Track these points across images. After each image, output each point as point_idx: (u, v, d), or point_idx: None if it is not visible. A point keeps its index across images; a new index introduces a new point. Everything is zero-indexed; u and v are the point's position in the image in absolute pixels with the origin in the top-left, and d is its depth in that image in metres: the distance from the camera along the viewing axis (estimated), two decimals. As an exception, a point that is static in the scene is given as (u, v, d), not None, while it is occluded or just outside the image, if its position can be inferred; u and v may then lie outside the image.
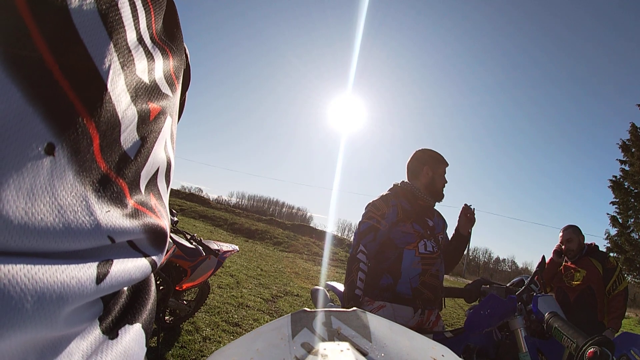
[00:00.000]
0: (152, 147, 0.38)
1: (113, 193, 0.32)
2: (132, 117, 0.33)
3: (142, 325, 0.38)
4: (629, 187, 15.16)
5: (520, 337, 1.79)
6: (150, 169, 0.39)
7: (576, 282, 3.39)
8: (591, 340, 1.29)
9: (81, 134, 0.28)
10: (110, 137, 0.31)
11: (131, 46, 0.33)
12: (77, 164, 0.28)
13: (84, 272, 0.28)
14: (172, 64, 0.43)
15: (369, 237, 2.17)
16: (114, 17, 0.30)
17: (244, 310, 4.76)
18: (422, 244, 2.18)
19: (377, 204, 2.26)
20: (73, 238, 0.28)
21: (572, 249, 3.48)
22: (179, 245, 3.30)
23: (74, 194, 0.28)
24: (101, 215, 0.30)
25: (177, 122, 0.50)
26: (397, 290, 2.12)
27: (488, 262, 60.65)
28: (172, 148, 0.46)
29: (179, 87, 0.47)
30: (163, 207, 0.43)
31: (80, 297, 0.28)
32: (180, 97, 0.52)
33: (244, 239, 14.44)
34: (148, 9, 0.36)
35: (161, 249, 0.41)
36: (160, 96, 0.39)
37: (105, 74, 0.29)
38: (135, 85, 0.34)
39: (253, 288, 6.17)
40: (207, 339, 3.58)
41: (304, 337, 0.42)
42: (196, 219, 16.64)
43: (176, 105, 0.46)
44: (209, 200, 26.16)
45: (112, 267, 0.31)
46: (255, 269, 8.08)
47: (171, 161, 0.46)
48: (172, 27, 0.45)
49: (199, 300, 3.93)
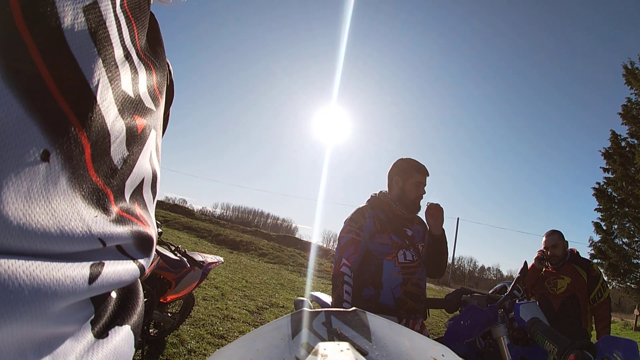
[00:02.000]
0: (137, 158, 0.40)
1: (99, 200, 0.34)
2: (120, 129, 0.35)
3: (131, 327, 0.40)
4: (611, 193, 15.50)
5: (503, 345, 1.78)
6: (135, 179, 0.41)
7: (560, 289, 3.30)
8: (573, 345, 1.31)
9: (74, 142, 0.29)
10: (101, 148, 0.33)
11: (118, 62, 0.35)
12: (69, 170, 0.29)
13: (77, 271, 0.30)
14: (155, 79, 0.45)
15: (350, 250, 2.16)
16: (103, 34, 0.32)
17: (229, 323, 4.69)
18: (401, 254, 2.18)
19: (354, 218, 2.26)
20: (67, 241, 0.29)
21: (557, 255, 3.39)
22: (163, 257, 3.24)
23: (66, 199, 0.29)
24: (90, 220, 0.32)
25: (161, 136, 0.51)
26: (379, 301, 2.12)
27: (473, 271, 61.15)
28: (158, 160, 0.48)
29: (163, 102, 0.49)
30: (149, 216, 0.45)
31: (74, 294, 0.29)
32: (164, 112, 0.53)
33: (229, 250, 14.27)
34: (131, 25, 0.38)
35: (148, 254, 0.43)
36: (145, 110, 0.41)
37: (95, 88, 0.31)
38: (122, 99, 0.36)
39: (238, 300, 6.09)
40: (192, 351, 3.50)
41: (304, 337, 0.43)
42: (180, 230, 16.39)
43: (160, 119, 0.48)
44: (194, 212, 25.84)
45: (103, 268, 0.33)
46: (241, 280, 7.97)
47: (157, 173, 0.47)
48: (155, 43, 0.48)
49: (183, 312, 3.85)
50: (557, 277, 3.38)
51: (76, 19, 0.29)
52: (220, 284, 6.83)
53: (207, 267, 3.68)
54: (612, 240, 14.90)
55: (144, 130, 0.41)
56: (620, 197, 15.16)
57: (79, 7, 0.29)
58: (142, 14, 0.40)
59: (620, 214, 14.87)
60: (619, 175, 15.12)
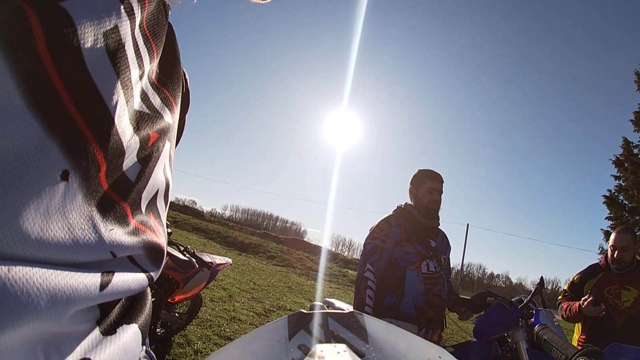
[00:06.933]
0: (152, 171, 0.41)
1: (116, 213, 0.36)
2: (135, 146, 0.37)
3: (138, 326, 0.41)
4: (622, 201, 15.28)
5: (522, 349, 1.81)
6: (151, 190, 0.42)
7: (625, 302, 2.71)
8: (580, 352, 1.29)
9: (92, 162, 0.31)
10: (115, 164, 0.34)
11: (134, 82, 0.36)
12: (86, 187, 0.31)
13: (89, 279, 0.31)
14: (170, 90, 0.46)
15: (375, 257, 2.21)
16: (121, 57, 0.33)
17: (236, 324, 4.70)
18: (424, 264, 2.21)
19: (380, 225, 2.32)
20: (79, 252, 0.31)
21: (624, 260, 2.79)
22: (172, 257, 3.27)
23: (81, 214, 0.31)
24: (105, 233, 0.34)
25: (175, 146, 0.53)
26: (400, 310, 2.16)
27: (482, 278, 60.35)
28: (170, 170, 0.49)
29: (178, 111, 0.50)
30: (161, 225, 0.46)
31: (86, 300, 0.31)
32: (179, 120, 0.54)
33: (238, 252, 14.33)
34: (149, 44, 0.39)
35: (158, 265, 0.44)
36: (160, 123, 0.42)
37: (113, 109, 0.32)
38: (138, 116, 0.38)
39: (246, 302, 6.10)
40: (198, 352, 3.52)
41: (300, 339, 0.43)
42: (189, 231, 16.51)
43: (174, 129, 0.49)
44: (203, 213, 26.06)
45: (113, 277, 0.35)
46: (248, 282, 8.00)
47: (169, 182, 0.48)
48: (171, 53, 0.49)
49: (191, 312, 3.87)
50: (620, 287, 2.79)
51: (96, 43, 0.30)
52: (228, 286, 6.86)
53: (216, 268, 3.70)
54: (623, 250, 14.61)
55: (157, 143, 0.42)
56: (632, 205, 14.90)
57: (100, 32, 0.30)
58: (160, 29, 0.42)
59: (631, 222, 14.57)
60: (630, 183, 14.90)
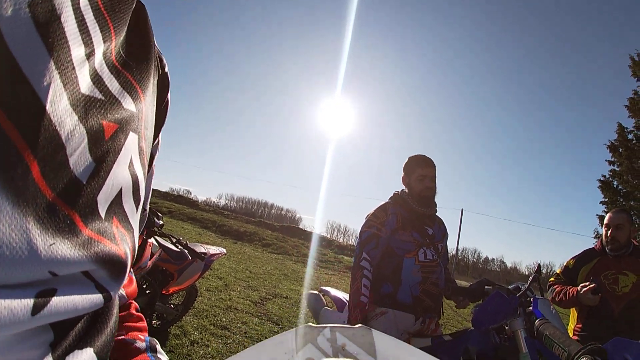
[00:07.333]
0: (110, 168, 0.35)
1: (60, 223, 0.30)
2: (80, 137, 0.31)
3: (94, 350, 0.37)
4: (617, 186, 15.45)
5: (520, 338, 1.81)
6: (110, 191, 0.36)
7: (623, 288, 2.60)
8: (583, 349, 1.25)
9: (14, 160, 0.25)
10: (54, 162, 0.29)
11: (77, 61, 0.30)
12: (13, 193, 0.25)
13: (17, 303, 0.26)
14: (135, 75, 0.41)
15: (371, 245, 2.18)
16: (55, 31, 0.27)
17: (232, 313, 4.72)
18: (421, 252, 2.19)
19: (376, 213, 2.28)
20: (7, 271, 0.26)
21: (619, 239, 2.66)
22: (165, 249, 3.25)
23: (13, 227, 0.25)
24: (43, 249, 0.28)
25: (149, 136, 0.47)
26: (397, 298, 2.15)
27: (477, 262, 61.19)
28: (142, 165, 0.43)
29: (146, 98, 0.44)
30: (129, 230, 0.41)
31: (13, 325, 0.26)
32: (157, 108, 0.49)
33: (233, 240, 14.34)
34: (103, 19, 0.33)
35: (118, 280, 0.39)
36: (117, 111, 0.36)
37: (44, 93, 0.27)
38: (84, 102, 0.31)
39: (242, 290, 6.12)
40: (195, 342, 3.53)
41: (308, 353, 0.42)
42: (184, 221, 16.48)
43: (143, 119, 0.43)
44: (198, 202, 26.00)
45: (53, 299, 0.30)
46: (244, 271, 8.02)
47: (139, 178, 0.42)
48: (140, 34, 0.43)
49: (186, 303, 3.88)
50: (618, 273, 2.66)
51: (19, 14, 0.25)
52: (224, 275, 6.87)
53: (210, 258, 3.69)
54: (618, 234, 14.80)
55: (117, 135, 0.36)
56: (626, 190, 15.09)
57: (24, 2, 0.25)
58: (121, 5, 0.36)
59: (626, 206, 14.73)
60: (625, 168, 15.06)
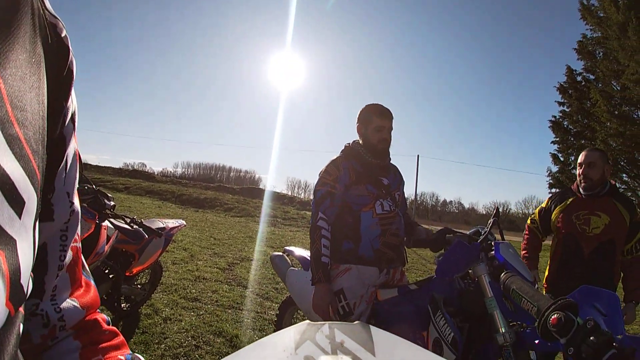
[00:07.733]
0: None
1: None
2: None
3: None
4: (568, 126, 16.24)
5: (484, 282, 1.83)
6: None
7: (595, 229, 2.51)
8: (554, 305, 1.18)
9: None
10: None
11: None
12: None
13: None
14: None
15: (327, 203, 2.15)
16: None
17: (201, 284, 4.72)
18: (378, 205, 2.17)
19: (328, 170, 2.22)
20: None
21: (591, 177, 2.54)
22: (121, 230, 3.13)
23: None
24: None
25: (30, 118, 0.34)
26: (359, 254, 2.15)
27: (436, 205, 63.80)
28: (19, 155, 0.32)
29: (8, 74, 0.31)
30: (6, 244, 0.29)
31: None
32: (58, 75, 0.40)
33: (194, 209, 14.10)
34: None
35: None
36: None
37: None
38: None
39: (208, 259, 6.11)
40: (167, 319, 3.52)
41: (306, 350, 0.43)
42: (142, 195, 15.91)
43: (7, 99, 0.31)
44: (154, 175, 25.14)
45: None
46: (209, 238, 7.96)
47: (14, 176, 0.31)
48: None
49: (152, 281, 3.82)
50: (591, 213, 2.56)
51: None
52: (189, 245, 6.80)
53: (169, 232, 3.62)
54: (570, 171, 15.64)
55: None
56: (576, 129, 15.90)
57: None
58: None
59: (577, 146, 15.56)
60: (575, 109, 15.74)
